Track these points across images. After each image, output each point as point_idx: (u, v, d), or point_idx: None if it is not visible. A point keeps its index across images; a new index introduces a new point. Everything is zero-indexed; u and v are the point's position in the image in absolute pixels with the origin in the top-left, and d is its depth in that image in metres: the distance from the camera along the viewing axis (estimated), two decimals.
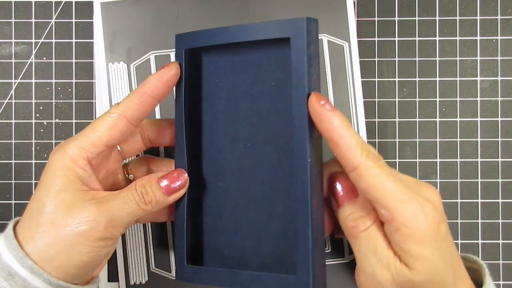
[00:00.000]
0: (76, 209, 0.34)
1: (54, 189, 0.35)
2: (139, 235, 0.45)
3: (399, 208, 0.32)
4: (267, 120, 0.38)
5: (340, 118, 0.33)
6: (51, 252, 0.34)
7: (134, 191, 0.36)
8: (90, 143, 0.36)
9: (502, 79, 0.47)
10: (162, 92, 0.37)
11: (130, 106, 0.37)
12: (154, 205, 0.37)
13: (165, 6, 0.45)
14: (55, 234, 0.34)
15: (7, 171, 0.46)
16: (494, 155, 0.47)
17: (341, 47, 0.46)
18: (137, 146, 0.41)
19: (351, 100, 0.45)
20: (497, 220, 0.47)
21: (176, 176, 0.38)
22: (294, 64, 0.34)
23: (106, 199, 0.35)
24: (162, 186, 0.37)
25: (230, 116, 0.39)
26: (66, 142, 0.36)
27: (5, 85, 0.47)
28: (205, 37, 0.38)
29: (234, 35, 0.37)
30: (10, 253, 0.34)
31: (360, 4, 0.47)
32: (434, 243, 0.33)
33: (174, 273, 0.45)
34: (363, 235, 0.34)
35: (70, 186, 0.35)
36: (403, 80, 0.47)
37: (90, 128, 0.36)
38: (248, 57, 0.38)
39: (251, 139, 0.38)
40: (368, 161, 0.32)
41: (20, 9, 0.47)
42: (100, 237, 0.34)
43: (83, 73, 0.47)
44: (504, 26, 0.47)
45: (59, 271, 0.34)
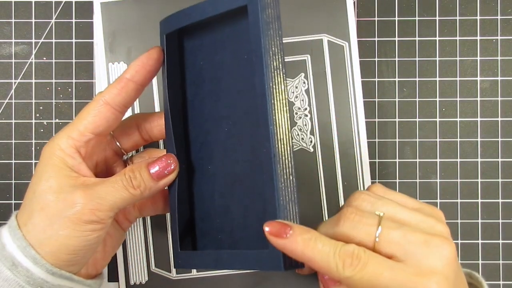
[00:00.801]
0: (63, 193, 0.35)
1: (44, 177, 0.36)
2: (139, 235, 0.45)
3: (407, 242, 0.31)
4: (243, 96, 0.36)
5: (300, 241, 0.31)
6: (41, 236, 0.35)
7: (123, 175, 0.36)
8: (77, 132, 0.36)
9: (502, 79, 0.47)
10: (144, 77, 0.37)
11: (112, 92, 0.37)
12: (143, 190, 0.36)
13: (165, 6, 0.45)
14: (44, 219, 0.35)
15: (7, 171, 0.46)
16: (494, 155, 0.47)
17: (341, 47, 0.46)
18: (135, 139, 0.41)
19: (351, 100, 0.45)
20: (497, 220, 0.47)
21: (165, 161, 0.37)
22: (252, 33, 0.33)
23: (95, 183, 0.36)
24: (152, 171, 0.37)
25: (214, 96, 0.38)
26: (56, 134, 0.37)
27: (5, 85, 0.47)
28: (180, 19, 0.37)
29: (203, 12, 0.36)
30: (14, 243, 0.34)
31: (360, 4, 0.47)
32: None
33: (174, 273, 0.45)
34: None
35: (59, 172, 0.36)
36: (403, 80, 0.47)
37: (77, 118, 0.37)
38: (225, 34, 0.37)
39: (232, 117, 0.37)
40: (346, 272, 0.31)
41: (20, 9, 0.47)
42: (87, 220, 0.35)
43: (83, 73, 0.47)
44: (504, 26, 0.47)
45: (50, 256, 0.35)
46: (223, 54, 0.38)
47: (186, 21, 0.37)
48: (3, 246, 0.35)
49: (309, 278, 0.45)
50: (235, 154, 0.37)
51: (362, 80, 0.46)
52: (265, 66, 0.32)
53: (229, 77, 0.37)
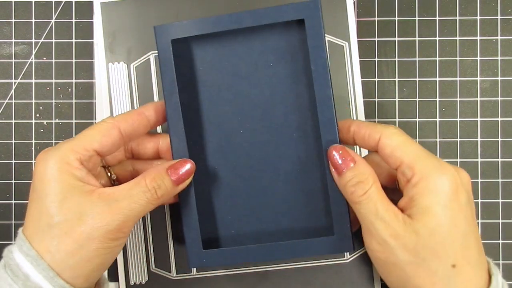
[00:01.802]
0: (86, 215, 0.34)
1: (57, 197, 0.35)
2: (139, 235, 0.45)
3: (423, 165, 0.35)
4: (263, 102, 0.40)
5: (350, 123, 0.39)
6: (71, 261, 0.34)
7: (145, 187, 0.36)
8: (82, 146, 0.36)
9: (502, 79, 0.47)
10: (157, 120, 0.39)
11: (125, 119, 0.38)
12: (165, 198, 0.37)
13: (165, 6, 0.45)
14: (72, 244, 0.34)
15: (7, 171, 0.46)
16: (494, 155, 0.47)
17: (341, 47, 0.46)
18: (119, 157, 0.41)
19: (351, 100, 0.45)
20: (497, 220, 0.47)
21: (183, 165, 0.38)
22: (311, 44, 0.38)
23: (115, 198, 0.35)
24: (173, 177, 0.37)
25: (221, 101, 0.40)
26: (53, 148, 0.36)
27: (5, 85, 0.47)
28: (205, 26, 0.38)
29: (240, 21, 0.38)
30: (40, 274, 0.34)
31: (360, 4, 0.47)
32: (448, 203, 0.34)
33: (174, 273, 0.45)
34: (362, 199, 0.35)
35: (73, 190, 0.35)
36: (403, 80, 0.47)
37: (82, 135, 0.37)
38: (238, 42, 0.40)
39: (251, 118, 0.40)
40: (394, 129, 0.37)
41: (20, 9, 0.47)
42: (114, 238, 0.35)
43: (83, 73, 0.47)
44: (504, 26, 0.47)
45: (82, 277, 0.35)
46: (235, 61, 0.40)
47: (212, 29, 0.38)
48: (27, 277, 0.34)
49: (309, 278, 0.45)
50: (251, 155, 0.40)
51: (362, 80, 0.46)
52: (329, 75, 0.38)
53: (243, 83, 0.40)
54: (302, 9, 0.38)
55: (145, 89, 0.45)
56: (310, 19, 0.38)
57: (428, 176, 0.34)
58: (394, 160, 0.36)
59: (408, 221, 0.34)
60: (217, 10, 0.45)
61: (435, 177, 0.34)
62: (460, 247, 0.34)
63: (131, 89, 0.45)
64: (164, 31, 0.38)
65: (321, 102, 0.38)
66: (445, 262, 0.34)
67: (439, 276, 0.34)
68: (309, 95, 0.40)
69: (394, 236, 0.34)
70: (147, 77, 0.45)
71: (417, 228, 0.34)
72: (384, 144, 0.37)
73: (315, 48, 0.38)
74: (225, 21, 0.38)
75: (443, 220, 0.34)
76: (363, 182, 0.35)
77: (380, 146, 0.37)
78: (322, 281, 0.45)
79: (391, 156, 0.36)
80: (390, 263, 0.35)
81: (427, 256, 0.34)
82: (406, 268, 0.34)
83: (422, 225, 0.34)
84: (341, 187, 0.37)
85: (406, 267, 0.34)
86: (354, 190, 0.36)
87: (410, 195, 0.35)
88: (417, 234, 0.34)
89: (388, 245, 0.35)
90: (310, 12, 0.38)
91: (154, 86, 0.45)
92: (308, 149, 0.40)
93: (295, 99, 0.40)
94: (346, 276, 0.45)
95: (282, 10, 0.38)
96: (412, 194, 0.35)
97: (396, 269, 0.35)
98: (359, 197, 0.35)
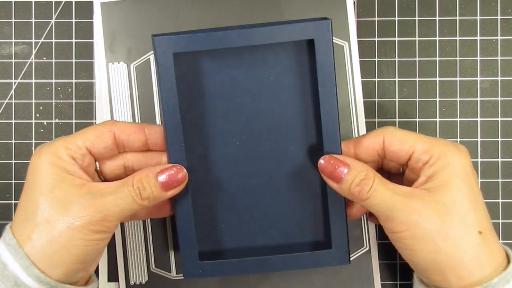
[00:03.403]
0: (70, 204, 0.35)
1: (46, 188, 0.35)
2: (139, 235, 0.45)
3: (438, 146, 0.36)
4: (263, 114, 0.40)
5: None
6: (49, 250, 0.34)
7: (131, 186, 0.36)
8: (74, 143, 0.37)
9: (502, 79, 0.47)
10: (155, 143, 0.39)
11: (124, 128, 0.38)
12: (151, 201, 0.37)
13: (165, 6, 0.45)
14: (52, 232, 0.34)
15: (7, 171, 0.46)
16: (494, 155, 0.47)
17: (341, 47, 0.46)
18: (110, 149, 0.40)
19: (351, 100, 0.45)
20: (497, 220, 0.47)
21: (175, 171, 0.37)
22: (320, 65, 0.38)
23: (102, 192, 0.35)
24: (160, 181, 0.37)
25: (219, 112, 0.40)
26: (47, 143, 0.37)
27: (5, 85, 0.47)
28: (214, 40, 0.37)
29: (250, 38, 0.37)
30: (17, 263, 0.34)
31: (360, 4, 0.47)
32: (467, 176, 0.36)
33: (174, 273, 0.45)
34: (371, 193, 0.36)
35: (63, 182, 0.35)
36: (403, 80, 0.47)
37: (78, 132, 0.38)
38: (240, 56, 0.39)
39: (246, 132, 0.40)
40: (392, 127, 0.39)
41: (20, 9, 0.47)
42: (96, 230, 0.35)
43: (83, 73, 0.47)
44: (504, 26, 0.47)
45: (60, 268, 0.34)
46: (237, 74, 0.40)
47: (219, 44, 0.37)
48: (4, 266, 0.34)
49: (309, 278, 0.45)
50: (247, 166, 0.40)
51: (362, 80, 0.46)
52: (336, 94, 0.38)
53: (243, 95, 0.40)
54: (313, 29, 0.37)
55: (145, 89, 0.45)
56: (321, 39, 0.37)
57: (446, 155, 0.36)
58: (406, 151, 0.37)
59: (428, 194, 0.36)
60: (217, 10, 0.45)
61: (452, 155, 0.36)
62: (484, 215, 0.36)
63: (131, 89, 0.45)
64: (165, 43, 0.37)
65: (327, 121, 0.38)
66: (471, 229, 0.35)
67: (468, 242, 0.35)
68: (309, 110, 0.40)
69: (415, 211, 0.35)
70: (147, 77, 0.45)
71: (439, 199, 0.35)
72: (390, 142, 0.38)
73: (324, 68, 0.38)
74: (233, 38, 0.37)
75: (465, 190, 0.35)
76: (365, 178, 0.36)
77: (387, 146, 0.38)
78: (322, 281, 0.45)
79: (401, 149, 0.37)
80: (418, 238, 0.35)
81: (454, 223, 0.35)
82: (435, 238, 0.35)
83: (444, 195, 0.35)
84: (345, 192, 0.37)
85: (435, 236, 0.35)
86: (360, 188, 0.36)
87: (428, 174, 0.36)
88: (440, 204, 0.35)
89: (411, 221, 0.35)
90: (321, 32, 0.37)
91: (154, 86, 0.45)
92: (307, 163, 0.40)
93: (295, 115, 0.40)
94: (346, 276, 0.45)
95: (292, 28, 0.37)
96: (430, 173, 0.36)
97: (425, 243, 0.35)
98: (367, 193, 0.36)
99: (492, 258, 0.35)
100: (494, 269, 0.35)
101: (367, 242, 0.45)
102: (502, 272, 0.35)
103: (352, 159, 0.37)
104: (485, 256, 0.35)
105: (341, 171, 0.37)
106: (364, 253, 0.45)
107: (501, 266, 0.35)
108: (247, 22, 0.45)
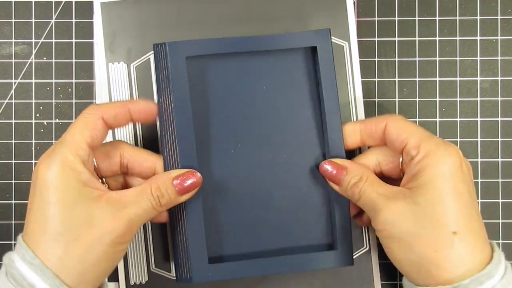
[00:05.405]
0: (95, 220, 0.35)
1: (67, 205, 0.35)
2: (139, 235, 0.45)
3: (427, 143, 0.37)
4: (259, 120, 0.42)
5: None
6: (80, 268, 0.34)
7: (150, 195, 0.37)
8: (78, 146, 0.36)
9: (502, 79, 0.47)
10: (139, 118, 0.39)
11: (109, 110, 0.38)
12: (167, 206, 0.38)
13: (165, 6, 0.45)
14: (82, 249, 0.34)
15: (7, 171, 0.46)
16: (494, 155, 0.47)
17: (341, 47, 0.46)
18: (114, 169, 0.40)
19: (351, 100, 0.45)
20: (497, 220, 0.47)
21: (190, 176, 0.38)
22: (322, 69, 0.41)
23: (122, 203, 0.36)
24: (176, 186, 0.37)
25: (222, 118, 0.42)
26: (53, 153, 0.36)
27: (5, 85, 0.47)
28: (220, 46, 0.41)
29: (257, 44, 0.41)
30: (46, 283, 0.34)
31: (360, 4, 0.47)
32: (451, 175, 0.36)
33: (174, 273, 0.45)
34: (361, 194, 0.38)
35: (82, 197, 0.35)
36: (403, 80, 0.47)
37: (71, 132, 0.37)
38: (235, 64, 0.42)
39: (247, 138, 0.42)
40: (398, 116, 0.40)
41: (20, 9, 0.47)
42: (122, 242, 0.36)
43: (83, 73, 0.47)
44: (504, 26, 0.47)
45: (89, 283, 0.35)
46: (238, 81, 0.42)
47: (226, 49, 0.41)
48: (33, 287, 0.34)
49: (309, 278, 0.45)
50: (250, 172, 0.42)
51: (362, 80, 0.46)
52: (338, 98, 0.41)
53: (244, 101, 0.42)
54: (314, 37, 0.41)
55: (145, 89, 0.45)
56: (322, 46, 0.41)
57: (432, 153, 0.36)
58: (400, 142, 0.38)
59: (408, 194, 0.36)
60: (217, 10, 0.45)
61: (438, 153, 0.36)
62: (463, 216, 0.36)
63: (131, 89, 0.45)
64: (177, 48, 0.40)
65: (330, 124, 0.41)
66: (445, 229, 0.35)
67: (440, 243, 0.35)
68: (309, 115, 0.42)
69: (393, 211, 0.36)
70: (147, 77, 0.45)
71: (416, 199, 0.36)
72: (390, 129, 0.39)
73: (327, 73, 0.41)
74: (242, 43, 0.41)
75: (444, 190, 0.35)
76: (358, 181, 0.38)
77: (387, 133, 0.39)
78: (322, 281, 0.45)
79: (397, 139, 0.38)
80: (394, 238, 0.36)
81: (427, 224, 0.35)
82: (408, 239, 0.36)
83: (421, 195, 0.36)
84: (344, 193, 0.40)
85: (408, 237, 0.36)
86: (353, 190, 0.38)
87: (413, 172, 0.37)
88: (417, 204, 0.36)
89: (389, 221, 0.36)
90: (322, 40, 0.41)
91: (154, 86, 0.45)
92: (310, 166, 0.42)
93: (294, 120, 0.42)
94: (346, 276, 0.45)
95: (296, 37, 0.41)
96: (414, 171, 0.37)
97: (399, 243, 0.36)
98: (358, 194, 0.38)
99: (469, 258, 0.35)
100: (468, 269, 0.35)
101: (367, 242, 0.45)
102: (475, 274, 0.34)
103: (350, 162, 0.40)
104: (459, 256, 0.35)
105: (340, 173, 0.39)
106: (364, 253, 0.45)
107: (478, 267, 0.35)
108: (247, 22, 0.45)
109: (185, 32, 0.45)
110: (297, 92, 0.42)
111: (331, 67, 0.41)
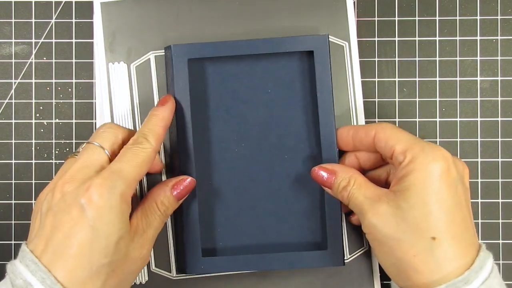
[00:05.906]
0: (129, 251, 0.37)
1: (115, 239, 0.35)
2: None
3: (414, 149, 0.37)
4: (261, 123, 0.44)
5: None
6: None
7: (158, 211, 0.39)
8: (134, 183, 0.37)
9: (502, 79, 0.47)
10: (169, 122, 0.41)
11: (158, 138, 0.39)
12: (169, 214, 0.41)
13: (165, 6, 0.45)
14: (116, 281, 0.36)
15: (7, 171, 0.46)
16: (494, 155, 0.47)
17: (341, 47, 0.46)
18: None
19: (351, 100, 0.45)
20: (497, 220, 0.47)
21: (187, 184, 0.41)
22: (318, 74, 0.42)
23: (142, 229, 0.38)
24: (175, 194, 0.40)
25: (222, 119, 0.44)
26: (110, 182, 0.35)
27: (5, 85, 0.47)
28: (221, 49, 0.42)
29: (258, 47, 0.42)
30: None
31: (360, 4, 0.47)
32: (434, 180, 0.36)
33: (174, 273, 0.45)
34: (349, 197, 0.39)
35: (127, 233, 0.36)
36: (403, 80, 0.47)
37: (131, 164, 0.37)
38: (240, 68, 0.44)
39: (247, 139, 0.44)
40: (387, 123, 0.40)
41: (20, 9, 0.47)
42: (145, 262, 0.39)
43: (83, 73, 0.47)
44: (504, 26, 0.47)
45: None
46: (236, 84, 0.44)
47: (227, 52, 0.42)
48: None
49: (309, 278, 0.45)
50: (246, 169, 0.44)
51: (362, 80, 0.46)
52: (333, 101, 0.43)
53: (243, 103, 0.44)
54: (313, 41, 0.42)
55: (145, 89, 0.45)
56: (319, 51, 0.42)
57: (418, 158, 0.37)
58: (389, 149, 0.38)
59: (392, 198, 0.37)
60: (217, 10, 0.45)
61: (423, 158, 0.36)
62: (444, 221, 0.36)
63: (131, 89, 0.45)
64: (181, 50, 0.42)
65: (324, 128, 0.42)
66: (424, 235, 0.36)
67: (419, 248, 0.35)
68: (303, 119, 0.44)
69: (377, 214, 0.37)
70: (147, 77, 0.45)
71: (399, 203, 0.36)
72: (379, 137, 0.39)
73: (322, 77, 0.42)
74: (242, 47, 0.42)
75: (427, 195, 0.36)
76: (346, 185, 0.39)
77: (376, 141, 0.40)
78: (323, 281, 0.45)
79: (385, 146, 0.39)
80: (377, 241, 0.37)
81: (407, 229, 0.36)
82: (389, 243, 0.36)
83: (403, 199, 0.36)
84: (336, 196, 0.41)
85: (389, 241, 0.36)
86: (342, 194, 0.40)
87: (399, 176, 0.37)
88: (399, 208, 0.36)
89: (372, 224, 0.37)
90: (319, 45, 0.42)
91: (154, 86, 0.45)
92: (305, 168, 0.44)
93: (291, 123, 0.44)
94: (346, 276, 0.45)
95: (295, 41, 0.42)
96: (400, 175, 0.37)
97: (383, 246, 0.37)
98: (347, 198, 0.39)
99: (449, 263, 0.35)
100: (446, 274, 0.35)
101: (367, 242, 0.45)
102: (452, 280, 0.35)
103: (340, 166, 0.41)
104: (437, 262, 0.35)
105: (331, 178, 0.40)
106: (364, 253, 0.45)
107: (456, 272, 0.35)
108: (247, 22, 0.45)
109: (185, 32, 0.45)
110: (296, 94, 0.44)
111: (327, 72, 0.42)
